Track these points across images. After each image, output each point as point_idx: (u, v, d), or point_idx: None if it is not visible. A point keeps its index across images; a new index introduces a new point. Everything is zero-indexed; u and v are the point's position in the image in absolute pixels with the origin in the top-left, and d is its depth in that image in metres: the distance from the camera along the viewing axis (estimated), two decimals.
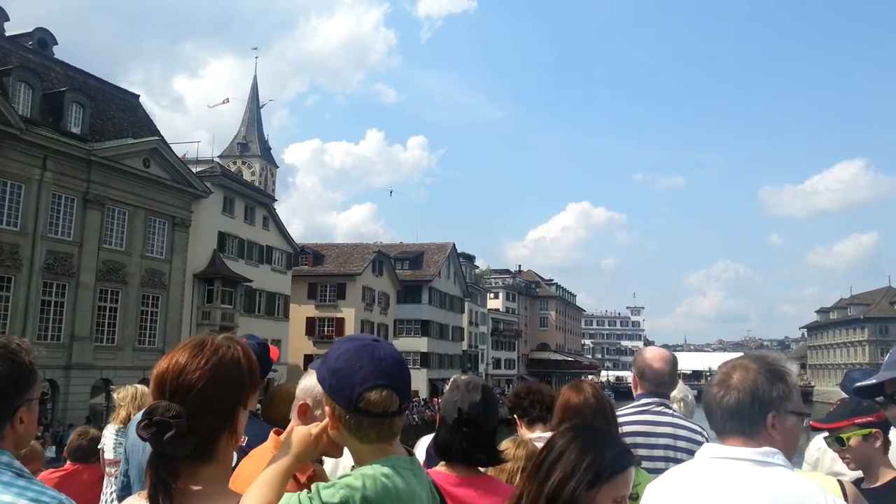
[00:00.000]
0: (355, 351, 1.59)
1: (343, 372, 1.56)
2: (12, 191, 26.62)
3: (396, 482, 1.49)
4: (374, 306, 54.72)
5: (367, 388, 1.53)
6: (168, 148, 33.97)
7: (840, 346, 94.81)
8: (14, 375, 1.65)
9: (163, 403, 1.44)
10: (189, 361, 1.49)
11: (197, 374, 1.47)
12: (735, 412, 1.79)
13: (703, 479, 1.79)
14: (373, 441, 1.57)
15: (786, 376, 1.82)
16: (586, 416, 2.75)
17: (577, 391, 2.87)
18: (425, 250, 65.31)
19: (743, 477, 1.72)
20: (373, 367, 1.56)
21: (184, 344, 1.55)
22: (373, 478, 1.47)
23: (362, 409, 1.53)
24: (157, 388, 1.49)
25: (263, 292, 41.97)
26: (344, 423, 1.55)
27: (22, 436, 1.70)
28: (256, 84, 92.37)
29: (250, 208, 41.49)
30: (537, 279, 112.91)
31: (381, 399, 1.53)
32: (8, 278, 26.42)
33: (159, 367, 1.51)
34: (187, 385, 1.46)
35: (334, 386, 1.57)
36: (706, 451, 1.88)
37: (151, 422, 1.42)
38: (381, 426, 1.56)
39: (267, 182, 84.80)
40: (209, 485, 1.49)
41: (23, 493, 1.54)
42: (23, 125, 26.36)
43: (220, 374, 1.49)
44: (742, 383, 1.80)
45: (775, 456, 1.74)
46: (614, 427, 2.86)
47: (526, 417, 3.40)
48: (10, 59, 29.13)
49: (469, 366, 68.88)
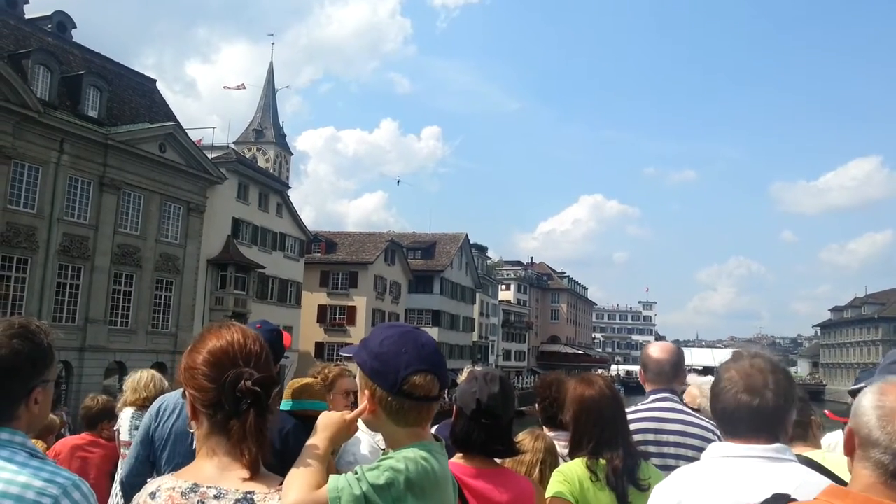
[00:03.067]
0: (399, 336, 1.64)
1: (387, 356, 1.61)
2: (30, 173, 26.81)
3: (434, 465, 1.54)
4: (386, 295, 54.79)
5: (411, 372, 1.59)
6: (184, 133, 34.06)
7: (853, 346, 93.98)
8: (32, 356, 1.65)
9: (245, 370, 1.52)
10: (242, 335, 1.59)
11: (258, 346, 1.58)
12: (772, 418, 1.80)
13: (718, 477, 1.78)
14: (410, 424, 1.61)
15: (790, 372, 1.92)
16: (603, 409, 2.73)
17: (589, 384, 2.83)
18: (438, 240, 65.26)
19: (758, 472, 1.73)
20: (417, 352, 1.61)
21: (221, 325, 1.64)
22: (414, 461, 1.51)
23: (406, 391, 1.58)
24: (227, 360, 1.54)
25: (276, 279, 42.14)
26: (384, 406, 1.60)
27: (36, 416, 1.70)
28: (272, 70, 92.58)
29: (264, 195, 41.60)
30: (549, 271, 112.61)
31: (424, 383, 1.60)
32: (24, 260, 26.65)
33: (209, 344, 1.58)
34: (255, 355, 1.56)
35: (377, 369, 1.61)
36: (716, 451, 1.87)
37: (255, 381, 1.50)
38: (420, 410, 1.61)
39: (281, 169, 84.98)
40: None
41: (37, 474, 1.55)
42: (41, 108, 26.51)
43: (266, 346, 1.62)
44: (779, 390, 1.81)
45: (787, 452, 1.77)
46: (625, 418, 2.84)
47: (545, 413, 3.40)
48: (29, 42, 29.29)
49: (479, 357, 68.89)
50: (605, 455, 2.62)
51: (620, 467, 2.59)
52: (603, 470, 2.60)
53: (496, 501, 2.29)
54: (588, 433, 2.70)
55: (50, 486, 1.53)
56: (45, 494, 1.52)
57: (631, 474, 2.60)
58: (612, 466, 2.59)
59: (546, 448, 2.96)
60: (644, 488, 2.58)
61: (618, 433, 2.69)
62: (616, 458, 2.61)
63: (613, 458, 2.61)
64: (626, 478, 2.58)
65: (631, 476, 2.60)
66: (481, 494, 2.29)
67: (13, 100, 25.45)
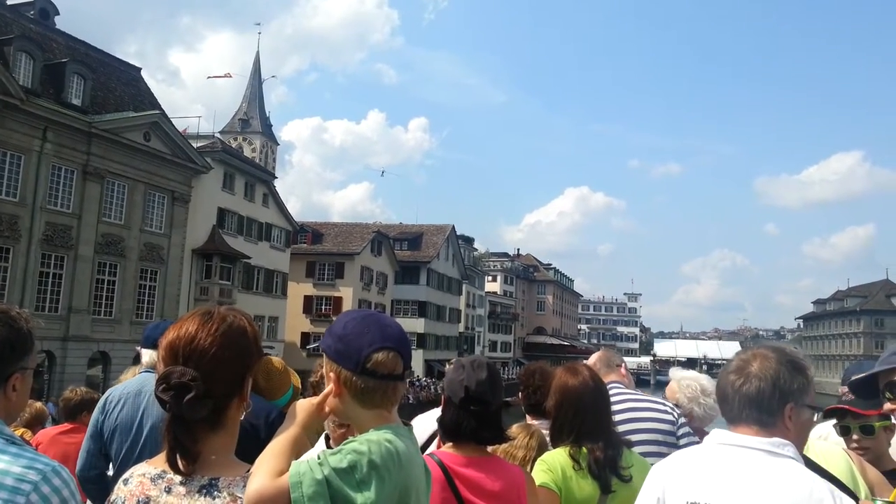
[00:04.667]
0: (362, 318, 1.65)
1: (350, 336, 1.61)
2: (12, 161, 26.48)
3: (398, 446, 1.53)
4: (373, 286, 54.74)
5: (374, 349, 1.58)
6: (169, 122, 33.74)
7: (835, 338, 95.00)
8: (11, 341, 1.64)
9: (178, 368, 1.48)
10: (199, 329, 1.53)
11: (209, 341, 1.51)
12: (755, 400, 1.77)
13: (712, 464, 1.78)
14: (376, 405, 1.60)
15: (805, 370, 1.83)
16: (586, 399, 2.74)
17: (573, 374, 2.84)
18: (424, 231, 65.21)
19: (752, 466, 1.71)
20: (380, 332, 1.61)
21: (191, 314, 1.59)
22: (377, 443, 1.49)
23: (369, 370, 1.57)
24: (169, 356, 1.52)
25: (262, 269, 41.96)
26: (349, 387, 1.59)
27: (14, 403, 1.69)
28: (259, 60, 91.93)
29: (250, 185, 41.37)
30: (536, 263, 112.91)
31: (387, 360, 1.59)
32: (6, 249, 26.36)
33: (169, 337, 1.54)
34: (200, 350, 1.50)
35: (341, 350, 1.61)
36: (715, 437, 1.85)
37: (170, 385, 1.45)
38: (386, 390, 1.60)
39: (267, 159, 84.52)
40: (221, 453, 1.54)
41: (16, 460, 1.53)
42: (23, 96, 26.16)
43: (230, 341, 1.54)
44: (764, 372, 1.79)
45: (786, 448, 1.73)
46: (609, 408, 2.86)
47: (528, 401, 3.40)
48: (11, 29, 28.87)
49: (465, 348, 69.08)
50: (586, 445, 2.65)
51: (602, 457, 2.61)
52: (585, 458, 2.63)
53: (487, 490, 2.28)
54: (569, 422, 2.72)
55: (29, 471, 1.52)
56: (25, 480, 1.50)
57: (613, 464, 2.62)
58: (593, 457, 2.61)
59: (540, 446, 2.97)
60: (626, 479, 2.61)
61: (600, 423, 2.71)
62: (597, 448, 2.63)
63: (594, 448, 2.63)
64: (609, 468, 2.61)
65: (613, 466, 2.62)
66: (472, 483, 2.28)
67: None
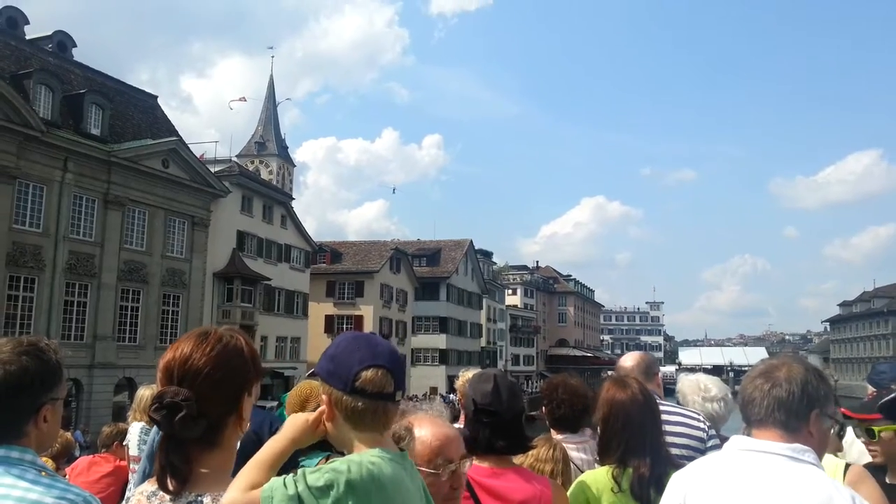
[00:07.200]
0: (353, 339, 1.63)
1: (341, 356, 1.59)
2: (35, 192, 26.95)
3: (383, 469, 1.48)
4: (393, 303, 54.82)
5: (363, 367, 1.55)
6: (186, 148, 34.22)
7: (864, 340, 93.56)
8: (41, 373, 1.67)
9: (171, 388, 1.50)
10: (194, 350, 1.54)
11: (203, 361, 1.53)
12: (784, 403, 1.79)
13: (733, 470, 1.78)
14: (367, 427, 1.56)
15: (828, 380, 1.88)
16: (633, 414, 2.66)
17: (622, 387, 2.75)
18: (442, 247, 65.33)
19: (773, 471, 1.71)
20: (370, 350, 1.59)
21: (188, 335, 1.61)
22: (359, 463, 1.46)
23: (358, 388, 1.54)
24: (164, 377, 1.54)
25: (282, 290, 42.23)
26: (340, 407, 1.56)
27: (45, 434, 1.71)
28: (273, 83, 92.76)
29: (268, 207, 41.71)
30: (555, 275, 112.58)
31: (376, 378, 1.55)
32: (32, 279, 26.75)
33: (165, 358, 1.56)
34: (194, 371, 1.52)
35: (331, 370, 1.59)
36: (736, 444, 1.86)
37: (162, 404, 1.47)
38: (376, 411, 1.55)
39: (284, 181, 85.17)
40: (216, 470, 1.54)
41: (48, 491, 1.56)
42: (44, 127, 26.66)
43: (224, 361, 1.55)
44: (794, 377, 1.82)
45: (806, 454, 1.74)
46: (659, 425, 2.77)
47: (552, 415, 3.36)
48: (30, 63, 29.48)
49: (488, 362, 68.81)
50: (632, 462, 2.58)
51: (647, 475, 2.54)
52: (629, 479, 2.56)
53: (511, 500, 2.30)
54: (616, 437, 2.65)
55: (61, 502, 1.56)
56: None
57: (658, 483, 2.52)
58: (637, 474, 2.55)
59: (565, 459, 2.94)
60: None
61: (646, 440, 2.63)
62: (643, 465, 2.56)
63: (640, 465, 2.56)
64: (654, 487, 2.52)
65: (658, 485, 2.51)
66: (496, 493, 2.30)
67: (16, 120, 25.60)
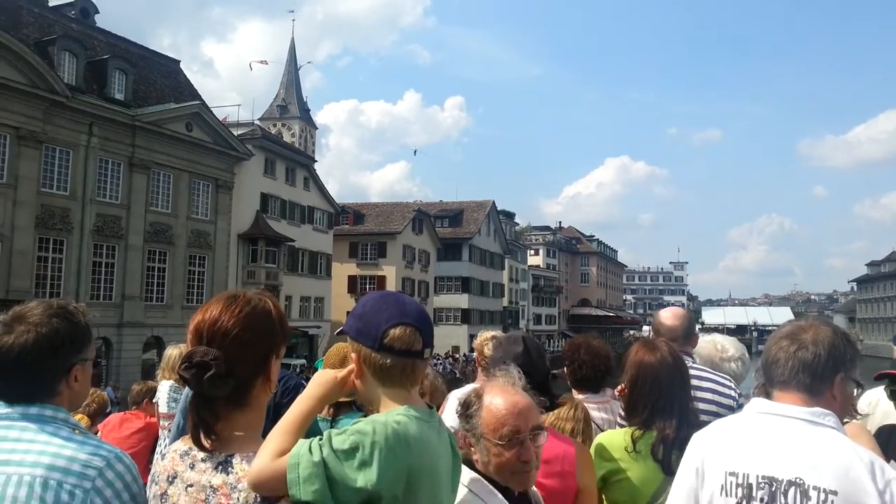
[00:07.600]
0: (381, 297, 1.66)
1: (369, 314, 1.62)
2: (61, 157, 27.31)
3: (409, 429, 1.48)
4: (415, 264, 55.01)
5: (392, 325, 1.58)
6: (209, 112, 34.28)
7: (891, 300, 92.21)
8: (71, 334, 1.74)
9: (201, 348, 1.54)
10: (223, 312, 1.59)
11: (231, 322, 1.57)
12: (810, 366, 1.76)
13: (751, 434, 1.78)
14: (395, 384, 1.59)
15: (855, 344, 1.84)
16: (662, 377, 2.63)
17: (651, 349, 2.72)
18: (465, 208, 65.12)
19: (792, 434, 1.70)
20: (398, 308, 1.62)
21: (217, 298, 1.66)
22: (384, 424, 1.46)
23: (387, 345, 1.57)
24: (194, 338, 1.59)
25: (306, 251, 42.54)
26: (369, 366, 1.59)
27: (76, 393, 1.78)
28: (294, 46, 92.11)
29: (291, 169, 41.83)
30: (578, 235, 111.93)
31: (405, 335, 1.58)
32: (61, 241, 27.26)
33: (195, 320, 1.62)
34: (223, 332, 1.56)
35: (360, 328, 1.62)
36: (755, 406, 1.85)
37: (192, 363, 1.52)
38: (405, 367, 1.58)
39: (307, 143, 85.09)
40: (247, 430, 1.59)
41: (82, 448, 1.64)
42: (69, 93, 26.88)
43: (253, 322, 1.59)
44: (821, 339, 1.78)
45: (827, 417, 1.72)
46: (688, 388, 2.73)
47: (574, 376, 3.34)
48: (54, 29, 29.61)
49: (510, 321, 69.12)
50: (657, 425, 2.58)
51: (672, 437, 2.52)
52: (649, 441, 2.56)
53: None
54: (643, 399, 2.64)
55: (94, 458, 1.63)
56: (91, 466, 1.61)
57: (683, 445, 2.48)
58: (662, 436, 2.54)
59: (586, 419, 2.89)
60: None
61: (673, 402, 2.61)
62: (668, 427, 2.55)
63: (665, 426, 2.55)
64: (677, 449, 2.45)
65: (682, 447, 2.48)
66: None
67: (41, 86, 25.83)
